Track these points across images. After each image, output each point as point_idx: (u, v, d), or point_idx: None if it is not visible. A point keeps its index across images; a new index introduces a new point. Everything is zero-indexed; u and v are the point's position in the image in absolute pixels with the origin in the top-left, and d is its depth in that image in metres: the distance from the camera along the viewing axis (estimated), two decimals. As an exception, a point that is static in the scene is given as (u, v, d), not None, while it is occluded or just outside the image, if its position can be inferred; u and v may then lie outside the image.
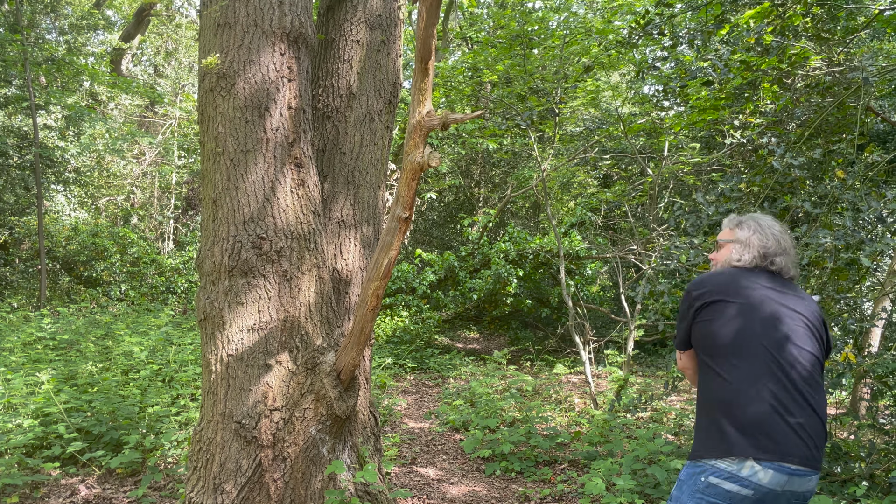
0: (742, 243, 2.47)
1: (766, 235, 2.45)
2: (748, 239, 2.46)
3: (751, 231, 2.48)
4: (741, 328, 2.27)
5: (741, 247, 2.47)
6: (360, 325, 3.19)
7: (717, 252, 2.59)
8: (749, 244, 2.45)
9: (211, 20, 3.47)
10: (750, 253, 2.44)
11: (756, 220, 2.51)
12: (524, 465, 5.56)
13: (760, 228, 2.48)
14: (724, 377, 2.24)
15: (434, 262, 11.83)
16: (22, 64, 11.64)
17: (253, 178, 3.36)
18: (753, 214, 2.58)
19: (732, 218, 2.61)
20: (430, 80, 2.82)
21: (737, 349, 2.25)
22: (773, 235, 2.46)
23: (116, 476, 4.81)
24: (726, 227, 2.60)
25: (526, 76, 9.00)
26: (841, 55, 5.91)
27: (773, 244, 2.44)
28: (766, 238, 2.45)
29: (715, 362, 2.29)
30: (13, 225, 13.95)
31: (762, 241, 2.45)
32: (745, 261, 2.45)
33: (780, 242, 2.45)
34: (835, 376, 4.40)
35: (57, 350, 7.49)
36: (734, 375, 2.23)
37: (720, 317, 2.31)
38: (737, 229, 2.53)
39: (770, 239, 2.45)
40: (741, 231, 2.50)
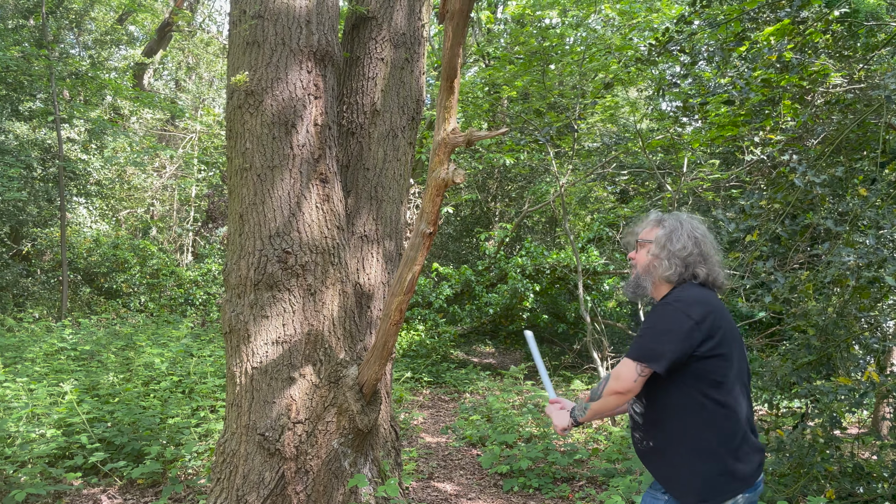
0: (661, 248, 2.29)
1: (683, 240, 2.27)
2: (666, 242, 2.28)
3: (669, 231, 2.30)
4: (734, 360, 2.21)
5: (662, 255, 2.28)
6: (382, 340, 3.21)
7: (637, 251, 2.40)
8: (670, 253, 2.26)
9: (240, 39, 3.54)
10: (675, 266, 2.26)
11: (678, 220, 2.33)
12: (542, 481, 5.54)
13: (680, 229, 2.29)
14: (734, 410, 2.18)
15: (451, 276, 11.85)
16: (47, 78, 11.86)
17: (279, 193, 3.42)
18: (676, 213, 2.39)
19: (654, 214, 2.43)
20: (455, 99, 2.86)
21: (734, 383, 2.21)
22: (692, 239, 2.27)
23: (137, 487, 4.85)
24: (647, 223, 2.41)
25: (544, 92, 9.05)
26: (861, 72, 5.90)
27: (693, 250, 2.27)
28: (683, 244, 2.27)
29: (726, 397, 2.17)
30: (36, 236, 14.16)
31: (680, 249, 2.26)
32: (672, 275, 2.26)
33: (700, 247, 2.27)
34: (857, 396, 4.36)
35: (78, 361, 7.57)
36: (737, 409, 2.20)
37: (729, 349, 2.19)
38: (657, 228, 2.35)
39: (690, 243, 2.27)
40: (660, 230, 2.33)
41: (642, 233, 2.40)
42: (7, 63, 11.01)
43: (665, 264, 2.27)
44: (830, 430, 4.69)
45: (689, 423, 2.17)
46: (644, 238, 2.37)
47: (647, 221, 2.41)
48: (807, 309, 4.84)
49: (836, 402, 4.53)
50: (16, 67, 11.44)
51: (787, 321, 5.16)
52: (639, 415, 2.31)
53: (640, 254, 2.37)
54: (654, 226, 2.37)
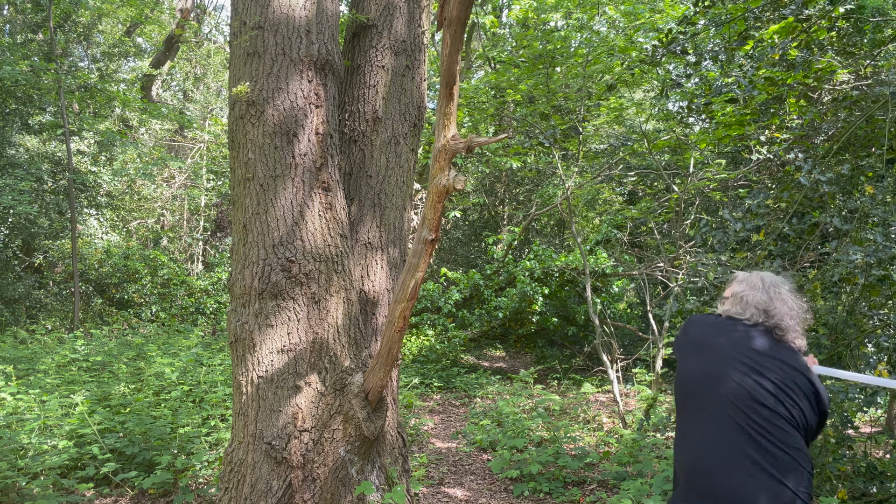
0: (735, 297, 2.40)
1: (761, 291, 2.35)
2: (742, 293, 2.38)
3: (746, 286, 2.39)
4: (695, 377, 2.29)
5: (733, 300, 2.40)
6: (387, 346, 3.22)
7: (720, 303, 2.53)
8: (743, 301, 2.36)
9: (241, 49, 3.56)
10: (747, 309, 2.34)
11: (762, 278, 2.41)
12: (553, 485, 5.52)
13: (762, 286, 2.37)
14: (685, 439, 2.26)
15: (459, 281, 11.85)
16: (56, 92, 11.98)
17: (282, 202, 3.43)
18: (764, 272, 2.48)
19: (738, 273, 2.55)
20: (455, 105, 2.87)
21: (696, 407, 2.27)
22: (769, 293, 2.34)
23: (149, 496, 4.87)
24: (731, 279, 2.55)
25: (549, 95, 9.04)
26: (868, 69, 5.86)
27: (764, 301, 2.33)
28: (760, 294, 2.35)
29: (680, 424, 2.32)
30: (47, 248, 14.27)
31: (754, 297, 2.35)
32: (743, 315, 2.35)
33: (773, 300, 2.33)
34: (869, 394, 4.33)
35: (90, 371, 7.62)
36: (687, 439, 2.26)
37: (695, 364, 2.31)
38: (734, 284, 2.46)
39: (763, 296, 2.34)
40: (737, 285, 2.44)
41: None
42: (16, 77, 11.12)
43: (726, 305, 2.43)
44: (842, 430, 4.65)
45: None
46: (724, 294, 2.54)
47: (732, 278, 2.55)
48: (815, 308, 4.80)
49: (848, 401, 4.49)
50: (25, 81, 11.56)
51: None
52: None
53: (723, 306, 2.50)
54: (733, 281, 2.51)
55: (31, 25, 14.28)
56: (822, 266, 5.01)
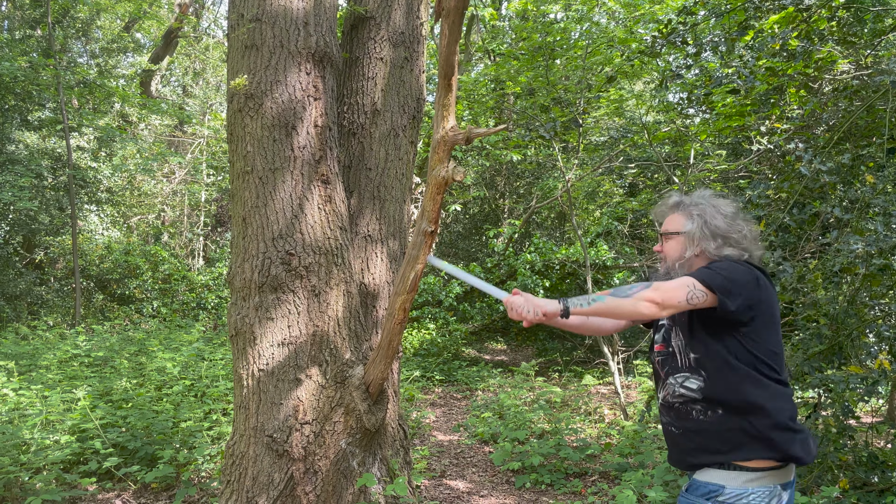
0: (696, 237, 2.19)
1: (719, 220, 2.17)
2: (702, 232, 2.18)
3: (703, 220, 2.19)
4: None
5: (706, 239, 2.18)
6: (387, 339, 3.22)
7: (663, 244, 2.31)
8: (707, 239, 2.17)
9: (238, 42, 3.55)
10: (718, 243, 2.16)
11: (706, 201, 2.23)
12: (554, 477, 5.53)
13: (714, 211, 2.19)
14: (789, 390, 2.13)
15: (460, 275, 11.82)
16: (55, 87, 11.96)
17: (281, 195, 3.43)
18: (695, 195, 2.27)
19: (674, 198, 2.30)
20: (454, 96, 2.86)
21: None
22: (724, 219, 2.18)
23: (151, 490, 4.88)
24: (669, 212, 2.30)
25: (549, 87, 9.02)
26: (868, 58, 5.84)
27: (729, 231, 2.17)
28: (720, 223, 2.17)
29: (783, 375, 2.11)
30: (48, 245, 14.28)
31: (719, 228, 2.17)
32: (717, 251, 2.16)
33: (735, 226, 2.17)
34: (870, 383, 4.33)
35: (92, 367, 7.64)
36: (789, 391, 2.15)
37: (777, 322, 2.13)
38: (681, 216, 2.24)
39: (724, 225, 2.17)
40: (689, 222, 2.22)
41: (666, 224, 2.31)
42: (15, 73, 11.10)
43: (711, 245, 2.18)
44: (843, 420, 4.65)
45: (761, 395, 2.04)
46: (670, 230, 2.28)
47: (668, 208, 2.32)
48: (816, 298, 4.80)
49: (849, 391, 4.49)
50: (24, 77, 11.54)
51: (798, 311, 5.12)
52: (695, 390, 2.13)
53: (669, 245, 2.28)
54: (678, 214, 2.27)
55: (29, 21, 14.26)
56: (823, 256, 5.00)
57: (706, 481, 2.10)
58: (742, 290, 2.03)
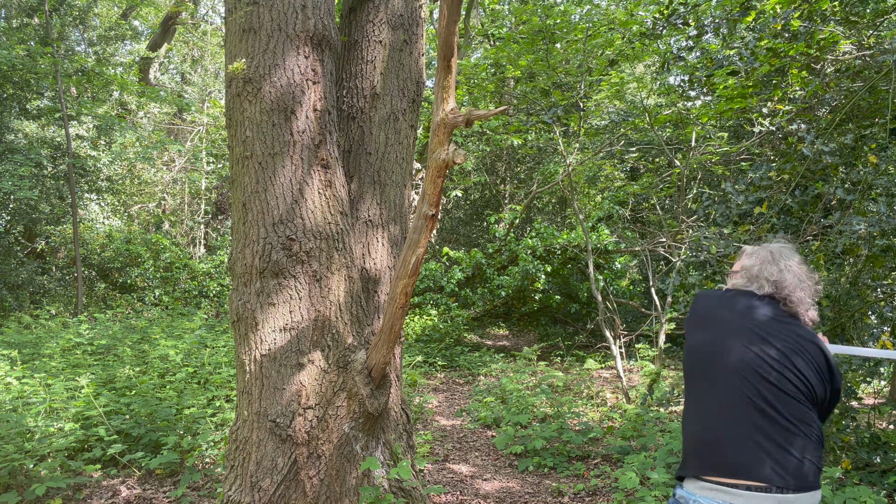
0: (746, 271, 2.35)
1: (772, 265, 2.31)
2: (752, 268, 2.34)
3: (757, 260, 2.35)
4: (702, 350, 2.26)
5: (744, 274, 2.36)
6: (389, 323, 3.21)
7: (730, 278, 2.50)
8: (753, 273, 2.33)
9: (236, 26, 3.52)
10: (756, 281, 2.31)
11: (770, 250, 2.37)
12: (557, 460, 5.55)
13: (771, 259, 2.33)
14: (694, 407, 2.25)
15: (461, 260, 11.84)
16: (53, 76, 11.90)
17: (281, 180, 3.41)
18: (772, 245, 2.43)
19: (748, 247, 2.51)
20: (454, 78, 2.83)
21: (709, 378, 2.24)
22: (779, 266, 2.30)
23: (156, 477, 4.91)
24: (740, 254, 2.51)
25: (549, 71, 8.96)
26: (871, 38, 5.79)
27: (775, 274, 2.29)
28: (771, 267, 2.30)
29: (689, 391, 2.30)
30: (49, 234, 14.27)
31: (766, 271, 2.31)
32: (751, 287, 2.32)
33: (783, 273, 2.29)
34: (872, 365, 4.32)
35: (95, 355, 7.66)
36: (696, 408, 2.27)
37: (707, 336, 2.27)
38: (744, 258, 2.41)
39: (773, 269, 2.30)
40: (747, 259, 2.39)
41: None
42: (13, 62, 11.05)
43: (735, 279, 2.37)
44: (846, 401, 4.66)
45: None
46: (734, 268, 2.47)
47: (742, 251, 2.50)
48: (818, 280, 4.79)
49: (851, 372, 4.49)
50: (21, 66, 11.48)
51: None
52: None
53: (731, 279, 2.44)
54: (744, 255, 2.44)
55: (26, 9, 14.17)
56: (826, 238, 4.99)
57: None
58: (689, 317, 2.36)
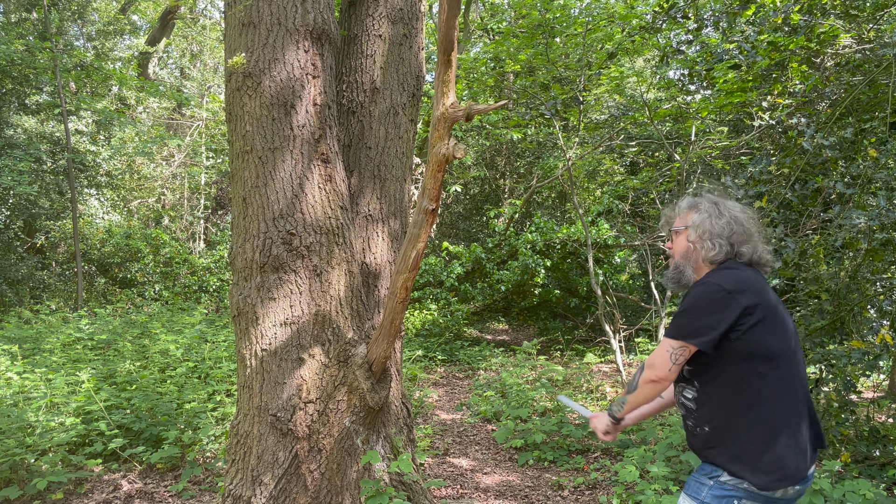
0: (703, 231, 2.23)
1: (724, 219, 2.21)
2: (706, 224, 2.22)
3: (707, 215, 2.24)
4: (782, 339, 2.13)
5: (704, 237, 2.22)
6: (390, 318, 3.22)
7: (672, 240, 2.35)
8: (712, 234, 2.21)
9: (235, 20, 3.51)
10: (719, 245, 2.19)
11: (713, 202, 2.27)
12: (557, 454, 5.56)
13: (717, 211, 2.23)
14: (793, 387, 2.13)
15: (461, 255, 11.85)
16: (52, 71, 11.88)
17: (281, 174, 3.41)
18: (709, 195, 2.32)
19: (686, 200, 2.36)
20: (453, 72, 2.83)
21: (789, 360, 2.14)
22: (732, 218, 2.21)
23: (157, 471, 4.92)
24: (679, 211, 2.35)
25: (549, 65, 8.95)
26: (871, 32, 5.78)
27: (736, 228, 2.20)
28: (725, 222, 2.21)
29: (783, 373, 2.12)
30: (49, 229, 14.27)
31: (722, 228, 2.20)
32: (717, 255, 2.20)
33: (743, 225, 2.21)
34: (871, 358, 4.33)
35: (95, 350, 7.67)
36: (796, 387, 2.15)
37: (776, 325, 2.12)
38: (692, 213, 2.28)
39: (730, 223, 2.21)
40: (696, 215, 2.26)
41: (676, 220, 2.34)
42: (12, 57, 11.03)
43: (708, 245, 2.21)
44: (845, 395, 4.67)
45: (747, 402, 2.10)
46: (679, 225, 2.31)
47: (680, 208, 2.36)
48: (818, 273, 4.80)
49: (850, 365, 4.50)
50: (20, 61, 11.46)
51: (800, 287, 5.12)
52: (690, 400, 2.22)
53: (677, 242, 2.32)
54: (688, 211, 2.31)
55: (24, 4, 14.14)
56: (825, 232, 4.99)
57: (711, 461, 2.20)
58: (709, 317, 2.09)
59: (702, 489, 2.15)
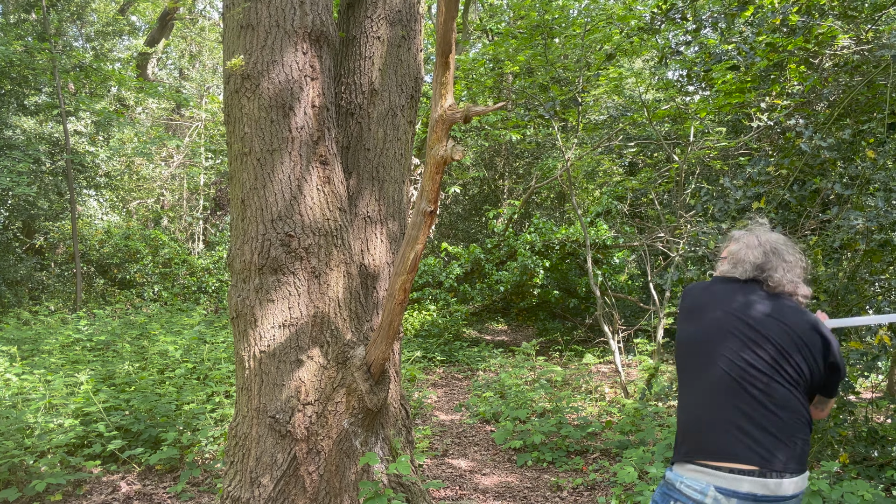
0: (732, 256, 2.40)
1: (756, 249, 2.35)
2: (738, 252, 2.38)
3: (743, 245, 2.39)
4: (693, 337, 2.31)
5: (730, 259, 2.40)
6: (388, 319, 3.22)
7: (719, 264, 2.53)
8: (738, 258, 2.37)
9: (234, 22, 3.52)
10: (740, 266, 2.35)
11: (755, 234, 2.41)
12: (555, 455, 5.57)
13: (757, 243, 2.37)
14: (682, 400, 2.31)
15: (460, 256, 11.85)
16: (51, 72, 11.88)
17: (280, 176, 3.41)
18: (757, 229, 2.47)
19: (735, 232, 2.54)
20: (451, 74, 2.83)
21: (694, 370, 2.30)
22: (764, 249, 2.34)
23: (156, 472, 4.92)
24: (728, 239, 2.54)
25: (547, 66, 8.95)
26: (869, 33, 5.79)
27: (759, 257, 2.33)
28: (755, 251, 2.35)
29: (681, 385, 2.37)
30: (48, 230, 14.27)
31: (750, 255, 2.35)
32: (735, 272, 2.36)
33: (768, 255, 2.33)
34: (870, 359, 4.34)
35: (94, 351, 7.66)
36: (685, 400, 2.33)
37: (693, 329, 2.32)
38: (731, 243, 2.46)
39: (758, 252, 2.34)
40: (733, 244, 2.43)
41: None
42: (10, 58, 11.02)
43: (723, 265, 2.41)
44: (844, 395, 4.67)
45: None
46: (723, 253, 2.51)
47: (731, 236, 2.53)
48: (817, 274, 4.80)
49: (849, 366, 4.51)
50: (19, 62, 11.46)
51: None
52: None
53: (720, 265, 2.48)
54: (730, 240, 2.48)
55: (23, 5, 14.13)
56: (824, 233, 5.00)
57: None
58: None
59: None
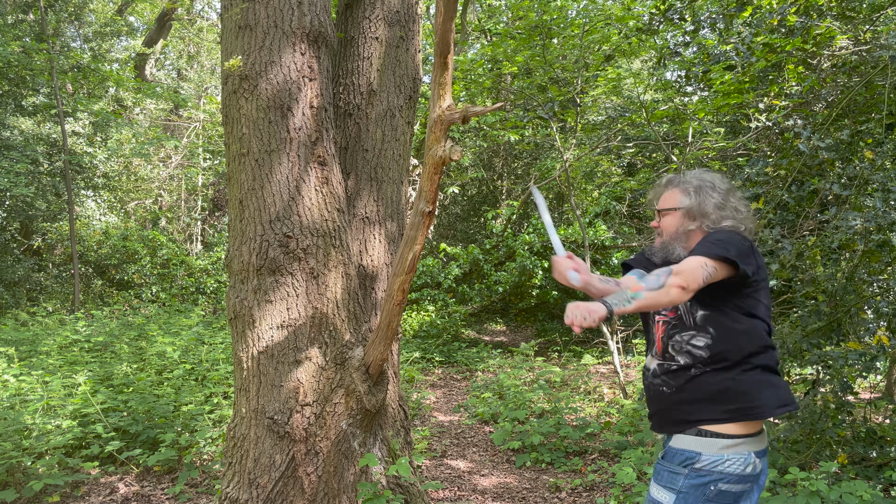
0: (694, 212, 2.29)
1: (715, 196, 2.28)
2: (700, 206, 2.28)
3: (699, 195, 2.29)
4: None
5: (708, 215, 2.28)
6: (387, 320, 3.21)
7: (660, 219, 2.39)
8: (705, 213, 2.27)
9: (232, 23, 3.51)
10: (719, 216, 2.27)
11: (700, 178, 2.32)
12: (554, 455, 5.56)
13: (709, 188, 2.29)
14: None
15: (459, 256, 11.84)
16: (49, 72, 11.87)
17: (278, 177, 3.41)
18: (688, 173, 2.38)
19: (668, 178, 2.41)
20: (450, 75, 2.83)
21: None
22: (719, 194, 2.28)
23: (154, 474, 4.91)
24: (665, 190, 2.39)
25: (546, 66, 8.96)
26: (868, 33, 5.80)
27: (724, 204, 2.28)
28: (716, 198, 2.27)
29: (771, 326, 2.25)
30: (46, 231, 14.25)
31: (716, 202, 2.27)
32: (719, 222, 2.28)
33: (729, 201, 2.28)
34: (868, 359, 4.34)
35: (92, 352, 7.65)
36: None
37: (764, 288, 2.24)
38: (677, 193, 2.34)
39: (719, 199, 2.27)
40: (686, 198, 2.32)
41: (661, 201, 2.39)
42: (8, 58, 11.01)
43: (710, 218, 2.28)
44: (842, 396, 4.67)
45: (755, 346, 2.17)
46: (667, 206, 2.36)
47: (663, 187, 2.40)
48: (815, 275, 4.80)
49: (847, 366, 4.51)
50: (17, 63, 11.44)
51: (797, 288, 5.13)
52: (702, 348, 2.19)
53: (666, 221, 2.36)
54: (674, 190, 2.36)
55: (21, 5, 14.12)
56: (822, 233, 5.00)
57: (682, 448, 2.16)
58: (748, 256, 2.15)
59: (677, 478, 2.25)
